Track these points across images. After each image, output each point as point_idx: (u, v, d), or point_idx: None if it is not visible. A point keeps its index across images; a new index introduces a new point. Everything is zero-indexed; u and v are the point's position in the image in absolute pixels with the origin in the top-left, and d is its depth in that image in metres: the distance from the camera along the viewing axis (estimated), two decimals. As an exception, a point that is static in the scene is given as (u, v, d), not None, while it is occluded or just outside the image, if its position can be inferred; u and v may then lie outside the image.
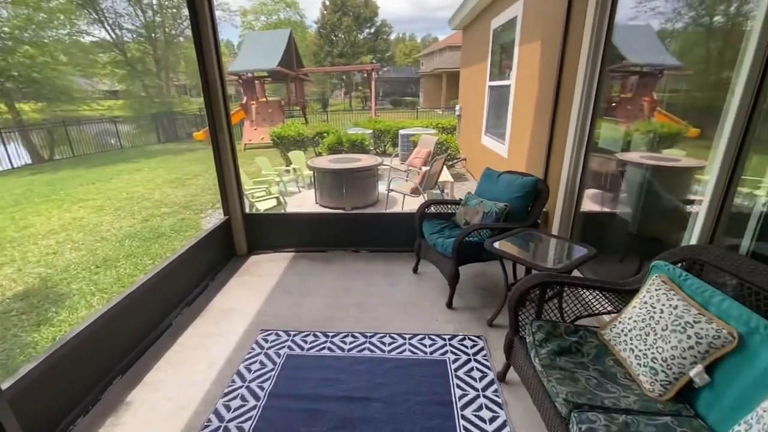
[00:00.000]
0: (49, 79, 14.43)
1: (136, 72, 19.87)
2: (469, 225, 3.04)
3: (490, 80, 6.43)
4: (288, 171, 7.26)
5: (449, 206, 3.40)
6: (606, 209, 3.40)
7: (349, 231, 3.94)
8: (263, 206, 5.30)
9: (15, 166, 12.49)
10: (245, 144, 13.17)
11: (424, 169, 6.34)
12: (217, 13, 26.25)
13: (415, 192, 5.25)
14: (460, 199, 3.35)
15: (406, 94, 40.02)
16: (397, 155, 9.33)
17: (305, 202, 6.59)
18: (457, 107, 9.31)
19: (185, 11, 21.04)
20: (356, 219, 4.01)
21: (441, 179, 5.81)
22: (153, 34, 19.82)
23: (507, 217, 2.89)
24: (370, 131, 9.52)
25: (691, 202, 2.45)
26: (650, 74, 3.16)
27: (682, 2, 2.52)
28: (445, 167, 6.72)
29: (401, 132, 9.00)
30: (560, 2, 3.20)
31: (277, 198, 5.38)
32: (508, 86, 5.25)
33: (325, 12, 37.94)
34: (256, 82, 15.13)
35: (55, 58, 15.07)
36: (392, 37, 45.91)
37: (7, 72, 12.66)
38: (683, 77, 2.76)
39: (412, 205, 5.94)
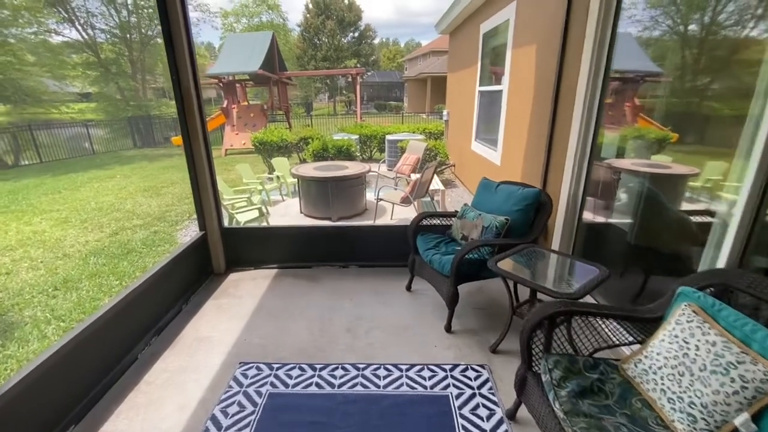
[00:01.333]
0: (13, 80, 13.65)
1: (110, 74, 19.10)
2: (466, 240, 2.84)
3: (480, 85, 6.30)
4: (271, 179, 6.96)
5: (445, 218, 3.20)
6: (601, 218, 3.26)
7: (337, 245, 3.70)
8: (244, 218, 4.99)
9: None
10: (226, 149, 12.74)
11: (413, 177, 6.14)
12: (196, 14, 25.68)
13: (405, 201, 5.04)
14: (456, 212, 3.15)
15: (390, 98, 40.01)
16: (384, 161, 9.12)
17: (289, 210, 6.30)
18: (445, 112, 9.19)
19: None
20: (344, 232, 3.76)
21: (431, 187, 5.62)
22: (128, 35, 19.12)
23: (508, 232, 2.70)
24: (356, 137, 9.29)
25: (693, 212, 2.34)
26: (632, 80, 3.08)
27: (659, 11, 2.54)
28: (435, 174, 6.54)
29: (388, 138, 8.81)
30: (559, 5, 3.05)
31: (259, 209, 5.08)
32: (500, 91, 5.12)
33: (308, 15, 37.66)
34: (238, 85, 14.71)
35: (20, 58, 14.29)
36: (376, 41, 45.95)
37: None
38: (663, 83, 2.71)
39: (402, 214, 5.73)
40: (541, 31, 3.81)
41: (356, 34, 39.83)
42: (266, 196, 6.50)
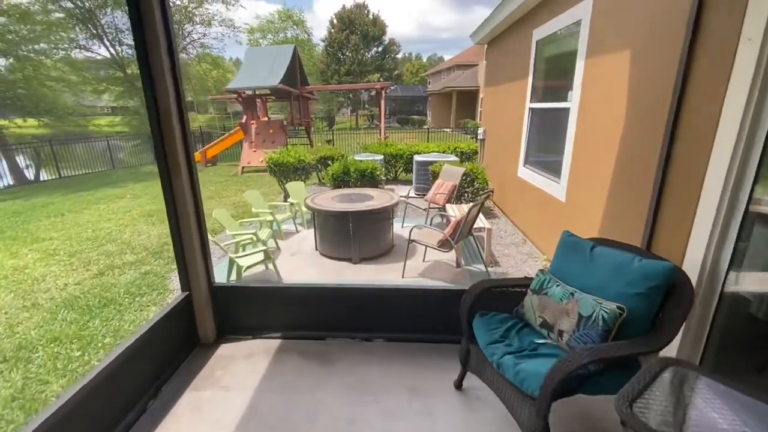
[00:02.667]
0: (36, 95, 13.56)
1: (134, 88, 19.10)
2: (548, 326, 1.83)
3: (532, 101, 5.28)
4: (284, 206, 6.10)
5: (513, 287, 2.18)
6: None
7: (358, 310, 2.75)
8: (246, 262, 4.10)
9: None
10: (242, 167, 12.10)
11: (452, 214, 5.14)
12: (220, 29, 25.77)
13: (444, 246, 4.03)
14: (528, 279, 2.14)
15: (413, 112, 39.36)
16: (412, 184, 8.15)
17: (303, 246, 5.38)
18: (480, 130, 8.18)
19: (187, 27, 20.54)
20: (367, 294, 2.79)
21: (475, 224, 4.59)
22: (154, 50, 19.09)
23: (622, 330, 1.67)
24: (381, 157, 8.37)
25: None
26: None
27: None
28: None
29: (417, 159, 7.84)
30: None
31: (265, 251, 4.17)
32: (565, 110, 4.09)
33: (332, 30, 37.71)
34: (258, 100, 14.20)
35: (45, 74, 14.25)
36: (399, 55, 45.67)
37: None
38: None
39: (437, 255, 4.71)
40: (640, 32, 2.77)
41: (380, 49, 39.59)
42: (277, 227, 5.61)
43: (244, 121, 13.13)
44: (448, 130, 25.54)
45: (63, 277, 4.55)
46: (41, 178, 13.81)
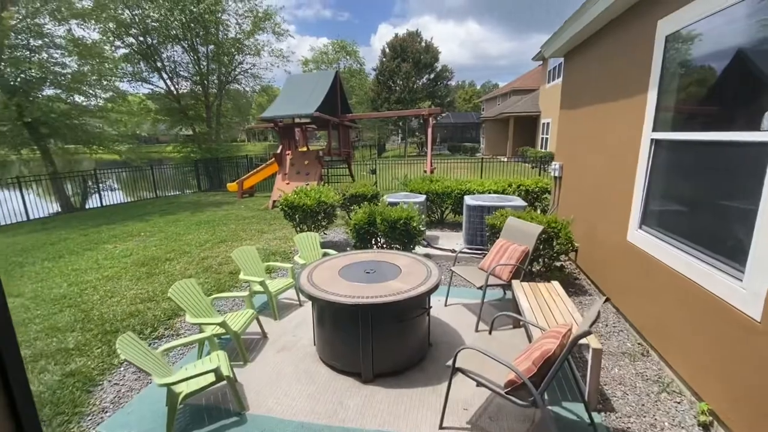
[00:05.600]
0: (83, 126, 13.78)
1: (186, 118, 19.48)
2: None
3: (658, 130, 3.34)
4: (288, 269, 4.58)
5: None
6: None
7: None
8: (187, 388, 2.55)
9: (33, 217, 11.41)
10: (273, 201, 11.00)
11: (525, 303, 3.27)
12: (270, 59, 26.33)
13: (518, 393, 2.18)
14: None
15: (465, 139, 37.49)
16: (462, 229, 6.32)
17: (300, 335, 3.76)
18: (555, 165, 6.21)
19: (238, 57, 20.83)
20: None
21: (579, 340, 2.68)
22: (205, 81, 19.47)
23: None
24: (422, 198, 6.66)
25: None
26: None
27: None
28: (560, 291, 3.57)
29: (468, 202, 6.03)
30: None
31: (216, 370, 2.57)
32: (763, 145, 2.16)
33: (384, 59, 37.58)
34: (297, 129, 13.31)
35: (104, 108, 14.60)
36: (452, 83, 44.52)
37: (43, 118, 11.98)
38: None
39: (502, 371, 2.84)
40: None
41: (432, 76, 38.72)
42: (272, 300, 4.07)
43: (279, 151, 12.20)
44: (503, 158, 23.30)
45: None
46: (86, 206, 13.90)
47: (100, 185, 14.03)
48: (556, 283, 3.69)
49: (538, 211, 6.78)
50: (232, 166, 18.27)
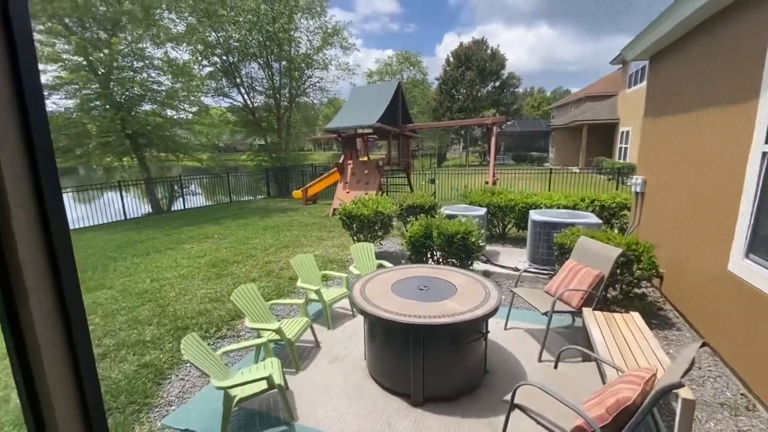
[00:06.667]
0: (173, 136, 15.40)
1: (260, 129, 20.97)
2: None
3: (776, 140, 2.82)
4: (342, 279, 4.61)
5: None
6: None
7: None
8: (239, 393, 2.63)
9: (129, 217, 13.00)
10: (334, 209, 11.32)
11: (597, 336, 2.92)
12: (336, 72, 27.53)
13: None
14: None
15: (532, 148, 35.64)
16: (526, 246, 5.91)
17: (352, 348, 3.73)
18: (638, 179, 5.57)
19: (308, 71, 22.00)
20: None
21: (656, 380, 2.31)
22: (277, 95, 20.80)
23: None
24: (483, 211, 6.36)
25: None
26: None
27: None
28: (636, 318, 3.14)
29: (534, 217, 5.63)
30: None
31: (269, 378, 2.62)
32: None
33: (447, 68, 37.30)
34: (359, 139, 13.63)
35: (191, 121, 16.28)
36: (519, 90, 42.76)
37: (141, 130, 13.66)
38: None
39: (568, 413, 2.53)
40: None
41: (497, 83, 37.57)
42: (324, 309, 4.12)
43: (341, 161, 12.56)
44: (575, 169, 21.68)
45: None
46: (172, 209, 15.53)
47: (184, 190, 15.58)
48: (636, 315, 3.25)
49: (615, 231, 6.12)
50: (298, 174, 19.29)
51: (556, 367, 2.66)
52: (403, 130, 13.00)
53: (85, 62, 12.75)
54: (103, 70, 13.26)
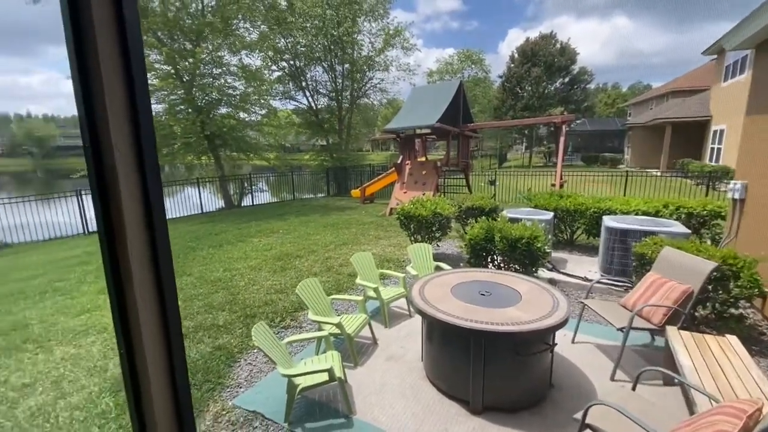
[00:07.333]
0: (244, 137, 16.56)
1: (322, 130, 21.82)
2: None
3: None
4: (399, 278, 4.63)
5: None
6: None
7: None
8: (303, 383, 2.75)
9: (205, 210, 14.27)
10: (391, 209, 11.43)
11: (685, 361, 2.62)
12: (397, 73, 27.75)
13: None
14: None
15: (604, 149, 32.99)
16: (598, 254, 5.47)
17: (409, 346, 3.73)
18: (737, 184, 4.89)
19: (369, 73, 22.41)
20: None
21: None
22: (339, 97, 21.47)
23: None
24: (550, 215, 6.01)
25: None
26: None
27: None
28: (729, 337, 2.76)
29: (608, 223, 5.20)
30: None
31: (329, 370, 2.71)
32: None
33: (512, 65, 35.78)
34: (417, 140, 13.62)
35: (260, 123, 17.44)
36: (591, 86, 39.78)
37: (217, 132, 14.91)
38: None
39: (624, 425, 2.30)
40: None
41: (566, 80, 35.26)
42: (382, 307, 4.17)
43: (399, 161, 12.64)
44: (655, 172, 19.64)
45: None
46: (242, 204, 16.77)
47: (253, 187, 16.72)
48: (733, 339, 2.86)
49: (707, 242, 5.44)
50: (357, 174, 19.78)
51: (634, 388, 2.43)
52: (463, 129, 12.73)
53: (173, 71, 14.19)
54: (187, 77, 14.66)
